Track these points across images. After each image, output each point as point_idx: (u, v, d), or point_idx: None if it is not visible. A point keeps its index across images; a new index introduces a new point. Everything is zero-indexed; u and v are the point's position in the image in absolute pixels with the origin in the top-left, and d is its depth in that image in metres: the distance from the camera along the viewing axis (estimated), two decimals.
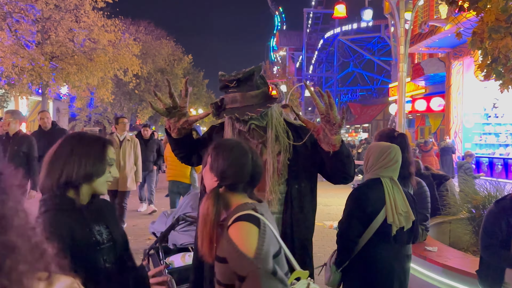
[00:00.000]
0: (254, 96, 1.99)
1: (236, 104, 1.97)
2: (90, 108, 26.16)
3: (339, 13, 18.44)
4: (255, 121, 1.97)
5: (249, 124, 1.98)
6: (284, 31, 56.11)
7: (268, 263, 1.36)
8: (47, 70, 14.06)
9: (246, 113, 1.94)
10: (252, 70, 2.01)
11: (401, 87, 8.31)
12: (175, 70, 28.10)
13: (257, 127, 2.00)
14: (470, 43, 3.80)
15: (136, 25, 24.76)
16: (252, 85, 2.01)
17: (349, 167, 1.99)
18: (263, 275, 1.33)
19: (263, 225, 1.42)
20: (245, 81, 2.00)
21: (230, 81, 2.00)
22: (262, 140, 2.03)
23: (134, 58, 16.98)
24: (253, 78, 2.01)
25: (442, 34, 12.87)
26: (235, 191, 1.52)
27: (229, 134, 2.07)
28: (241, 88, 2.00)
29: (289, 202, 2.03)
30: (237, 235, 1.39)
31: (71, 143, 1.47)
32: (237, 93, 1.99)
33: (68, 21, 14.36)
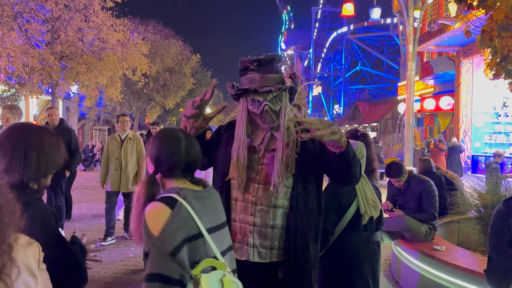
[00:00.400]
0: (272, 79, 2.01)
1: (255, 84, 2.00)
2: (99, 107, 26.35)
3: (347, 11, 18.40)
4: (269, 103, 1.99)
5: (263, 106, 1.99)
6: (292, 30, 56.03)
7: (170, 244, 1.39)
8: (57, 70, 14.20)
9: (265, 86, 1.97)
10: (273, 55, 2.06)
11: (409, 86, 8.27)
12: (183, 69, 28.17)
13: (270, 111, 2.00)
14: (479, 42, 3.78)
15: (144, 25, 24.87)
16: (271, 69, 2.05)
17: (355, 168, 1.99)
18: (159, 254, 1.38)
19: (178, 207, 1.45)
20: (265, 64, 2.04)
21: (251, 62, 2.04)
22: (272, 126, 2.04)
23: (142, 58, 17.07)
24: (273, 63, 2.06)
25: (452, 32, 12.76)
26: (171, 177, 1.59)
27: (242, 117, 2.07)
28: (260, 70, 2.03)
29: (295, 197, 2.04)
30: (148, 214, 1.45)
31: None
32: (256, 74, 2.02)
33: (77, 20, 14.47)
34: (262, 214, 2.02)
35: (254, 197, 2.03)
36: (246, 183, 2.04)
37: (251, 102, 2.03)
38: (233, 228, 2.05)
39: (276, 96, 2.01)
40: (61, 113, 23.18)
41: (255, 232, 2.01)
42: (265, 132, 2.07)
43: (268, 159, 2.06)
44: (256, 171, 2.06)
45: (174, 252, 1.39)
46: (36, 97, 15.92)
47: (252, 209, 2.02)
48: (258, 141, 2.08)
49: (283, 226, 2.04)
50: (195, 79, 30.82)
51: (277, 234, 2.03)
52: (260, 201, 2.02)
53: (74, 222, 7.14)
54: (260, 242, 2.01)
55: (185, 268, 1.40)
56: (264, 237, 2.01)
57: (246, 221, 2.03)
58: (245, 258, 2.02)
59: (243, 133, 2.06)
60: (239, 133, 2.07)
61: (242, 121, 2.07)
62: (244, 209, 2.04)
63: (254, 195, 2.03)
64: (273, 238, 2.02)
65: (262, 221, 2.01)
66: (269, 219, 2.02)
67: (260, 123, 2.05)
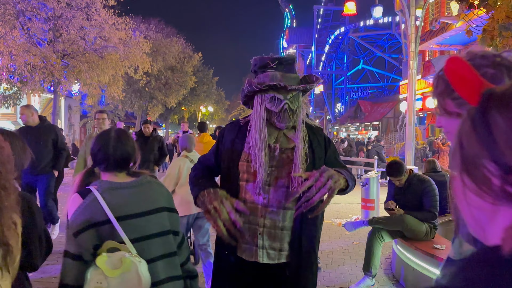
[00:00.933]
0: (293, 78, 2.01)
1: (277, 81, 1.97)
2: (101, 105, 26.40)
3: (349, 10, 18.37)
4: (289, 102, 1.98)
5: (283, 104, 1.97)
6: (294, 28, 55.94)
7: (74, 228, 1.67)
8: (58, 68, 14.23)
9: (291, 85, 1.96)
10: (293, 56, 2.08)
11: (411, 84, 8.26)
12: (185, 67, 28.20)
13: (288, 109, 1.99)
14: (480, 41, 3.78)
15: (146, 23, 24.90)
16: (291, 69, 2.05)
17: (350, 190, 2.06)
18: (68, 235, 1.70)
19: (88, 198, 1.73)
20: (286, 63, 2.04)
21: (272, 60, 2.03)
22: (288, 125, 2.03)
23: (144, 56, 17.10)
24: (293, 64, 2.07)
25: (453, 31, 12.75)
26: (105, 170, 1.85)
27: (261, 115, 2.02)
28: (281, 68, 2.02)
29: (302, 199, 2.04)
30: (68, 201, 1.79)
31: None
32: (277, 72, 2.00)
33: (79, 19, 14.50)
34: (272, 216, 2.01)
35: (265, 198, 2.02)
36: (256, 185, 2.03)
37: (270, 99, 2.00)
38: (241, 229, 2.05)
39: (294, 96, 2.01)
40: (63, 112, 23.30)
41: (264, 234, 2.01)
42: (279, 132, 2.06)
43: (278, 161, 2.04)
44: (266, 173, 2.03)
45: (76, 234, 1.66)
46: (38, 96, 15.97)
47: (263, 211, 2.02)
48: (272, 140, 2.05)
49: (290, 227, 2.04)
50: (197, 78, 30.85)
51: (286, 235, 2.03)
52: (271, 203, 2.01)
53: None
54: (269, 244, 2.01)
55: (84, 247, 1.66)
56: (273, 239, 2.02)
57: (256, 222, 2.02)
58: (254, 259, 2.02)
59: (265, 131, 2.01)
60: (260, 130, 2.01)
61: (262, 119, 2.01)
62: (253, 211, 2.02)
63: (264, 197, 2.02)
64: (283, 240, 2.03)
65: (272, 223, 2.01)
66: (278, 220, 2.02)
67: (276, 121, 2.02)
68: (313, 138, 2.11)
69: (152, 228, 1.81)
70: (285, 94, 1.98)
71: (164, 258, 1.79)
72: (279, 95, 1.98)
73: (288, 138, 2.06)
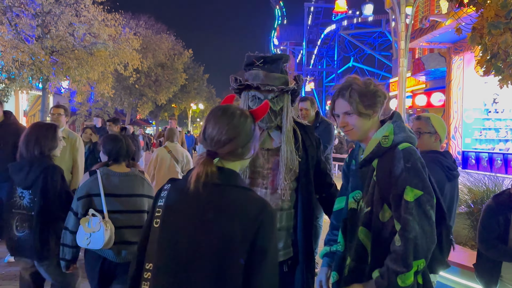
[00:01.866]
0: (277, 78, 2.00)
1: (258, 81, 1.98)
2: (90, 102, 26.14)
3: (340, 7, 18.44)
4: (270, 102, 1.96)
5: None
6: (285, 26, 55.93)
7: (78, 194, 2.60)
8: (47, 65, 14.04)
9: (268, 84, 1.95)
10: (281, 55, 2.06)
11: (401, 82, 8.32)
12: (175, 64, 28.05)
13: (270, 111, 1.97)
14: (469, 39, 3.81)
15: (136, 20, 24.70)
16: (277, 68, 2.03)
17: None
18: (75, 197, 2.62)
19: (93, 176, 2.62)
20: (271, 62, 2.02)
21: (257, 59, 2.02)
22: (269, 125, 2.02)
23: (134, 53, 16.96)
24: (279, 62, 2.04)
25: (443, 29, 12.83)
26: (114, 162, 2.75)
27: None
28: (265, 67, 2.01)
29: (300, 199, 2.06)
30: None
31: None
32: (261, 71, 2.00)
33: (68, 15, 14.31)
34: None
35: None
36: (254, 189, 2.01)
37: (251, 98, 2.01)
38: None
39: (278, 97, 1.99)
40: None
41: None
42: (262, 131, 2.05)
43: (273, 164, 2.04)
44: (262, 176, 2.04)
45: (79, 198, 2.58)
46: (27, 93, 15.76)
47: None
48: None
49: (287, 227, 2.05)
50: (187, 75, 30.70)
51: (282, 235, 2.04)
52: None
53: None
54: None
55: (80, 208, 2.56)
56: None
57: None
58: None
59: None
60: None
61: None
62: None
63: None
64: (280, 240, 2.03)
65: None
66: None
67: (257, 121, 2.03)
68: (305, 137, 2.11)
69: (129, 206, 2.63)
70: (266, 94, 1.96)
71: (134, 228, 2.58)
72: (260, 95, 1.98)
73: (270, 138, 2.06)
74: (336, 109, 1.78)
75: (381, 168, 1.68)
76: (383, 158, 1.69)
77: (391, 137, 1.69)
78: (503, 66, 3.67)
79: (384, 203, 1.66)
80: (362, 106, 1.70)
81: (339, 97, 1.76)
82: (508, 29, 3.29)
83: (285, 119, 2.02)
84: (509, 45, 3.37)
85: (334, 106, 1.79)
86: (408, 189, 1.57)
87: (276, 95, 1.98)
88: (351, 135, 1.77)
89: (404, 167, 1.61)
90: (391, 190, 1.62)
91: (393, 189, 1.61)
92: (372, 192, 1.70)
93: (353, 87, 1.71)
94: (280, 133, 2.04)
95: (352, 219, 1.80)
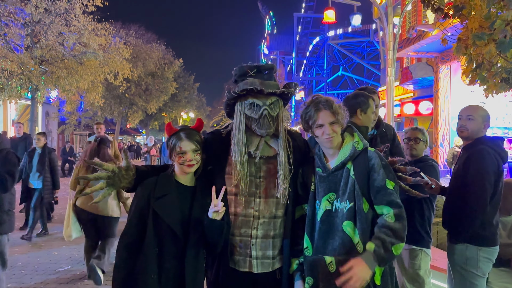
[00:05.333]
0: (272, 86, 2.02)
1: (253, 86, 1.98)
2: (80, 112, 25.98)
3: (329, 18, 18.64)
4: (268, 108, 1.99)
5: (263, 110, 1.98)
6: (275, 35, 56.30)
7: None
8: (36, 74, 13.95)
9: (268, 90, 1.98)
10: (272, 65, 2.11)
11: (389, 91, 8.44)
12: (166, 73, 28.02)
13: (268, 116, 1.99)
14: (455, 49, 3.90)
15: (126, 29, 24.67)
16: (270, 77, 2.07)
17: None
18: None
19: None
20: (265, 71, 2.06)
21: (251, 68, 2.04)
22: (268, 132, 2.02)
23: (124, 62, 16.94)
24: (272, 71, 2.08)
25: (430, 39, 13.05)
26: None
27: (240, 122, 2.03)
28: (259, 76, 2.04)
29: (290, 206, 2.07)
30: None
31: None
32: (255, 79, 2.01)
33: (58, 25, 14.27)
34: (264, 226, 2.02)
35: (257, 211, 2.02)
36: (247, 198, 2.02)
37: (249, 106, 2.01)
38: (232, 242, 2.03)
39: (274, 103, 2.02)
40: (40, 118, 22.83)
41: (257, 244, 2.02)
42: (260, 139, 2.06)
43: (265, 172, 2.05)
44: (255, 185, 2.04)
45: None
46: (15, 102, 15.61)
47: (255, 223, 2.02)
48: (253, 147, 2.05)
49: (281, 234, 2.06)
50: (177, 84, 30.68)
51: (277, 242, 2.05)
52: (263, 214, 2.02)
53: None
54: (263, 253, 2.02)
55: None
56: (266, 248, 2.03)
57: (248, 234, 2.03)
58: (249, 269, 2.02)
59: (244, 139, 2.01)
60: (238, 138, 2.02)
61: (241, 126, 2.03)
62: (245, 224, 2.03)
63: (256, 209, 2.02)
64: (275, 248, 2.05)
65: (264, 233, 2.03)
66: (270, 230, 2.03)
67: (256, 128, 2.01)
68: (293, 143, 2.13)
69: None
70: (264, 100, 1.99)
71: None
72: (258, 101, 1.99)
73: (269, 146, 2.07)
74: (320, 120, 1.97)
75: (358, 167, 1.96)
76: (358, 159, 1.98)
77: (360, 143, 2.02)
78: (488, 76, 3.75)
79: (364, 197, 1.93)
80: (341, 117, 1.99)
81: (325, 109, 1.98)
82: (492, 40, 3.38)
83: (281, 126, 2.05)
84: (493, 56, 3.45)
85: (317, 117, 1.98)
86: (387, 181, 1.94)
87: (273, 101, 2.02)
88: (333, 141, 1.99)
89: (381, 164, 1.97)
90: (371, 184, 1.94)
91: (375, 182, 1.94)
92: (353, 189, 1.94)
93: (334, 102, 2.00)
94: (276, 139, 2.06)
95: (327, 219, 1.98)
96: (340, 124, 1.99)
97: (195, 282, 1.99)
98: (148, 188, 2.01)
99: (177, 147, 2.00)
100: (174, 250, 1.96)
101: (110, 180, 2.01)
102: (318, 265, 1.96)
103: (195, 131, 2.07)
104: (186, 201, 2.02)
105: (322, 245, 1.97)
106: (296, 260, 2.06)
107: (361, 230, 1.91)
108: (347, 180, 1.96)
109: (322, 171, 2.03)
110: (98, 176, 2.00)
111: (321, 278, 1.94)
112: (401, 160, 2.21)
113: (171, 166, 2.11)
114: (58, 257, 5.61)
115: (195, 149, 2.01)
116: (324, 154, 2.07)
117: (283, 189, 1.99)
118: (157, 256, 1.94)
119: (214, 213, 1.89)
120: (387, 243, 1.82)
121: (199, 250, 2.02)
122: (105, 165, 2.01)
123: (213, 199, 1.91)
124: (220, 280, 2.05)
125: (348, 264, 1.80)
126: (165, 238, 1.96)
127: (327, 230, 1.97)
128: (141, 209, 1.98)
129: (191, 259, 1.97)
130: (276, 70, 2.15)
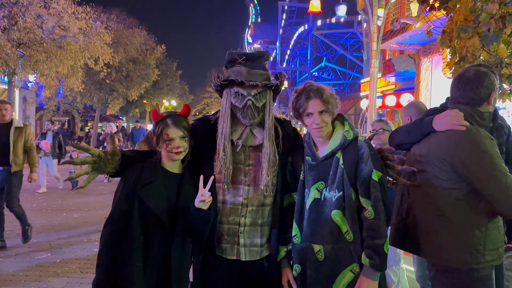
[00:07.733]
0: (259, 75, 2.01)
1: (241, 77, 1.97)
2: (58, 97, 25.40)
3: (314, 7, 18.60)
4: (253, 99, 1.97)
5: (247, 100, 1.97)
6: (259, 24, 55.96)
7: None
8: (14, 57, 13.58)
9: (251, 80, 1.96)
10: (263, 52, 2.07)
11: (372, 82, 8.51)
12: (148, 60, 27.57)
13: (252, 106, 1.98)
14: (439, 42, 3.94)
15: (107, 13, 24.13)
16: (259, 65, 2.04)
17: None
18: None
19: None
20: (254, 59, 2.03)
21: (240, 55, 2.03)
22: (252, 122, 2.02)
23: (105, 47, 16.62)
24: (261, 60, 2.06)
25: (413, 32, 13.17)
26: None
27: (226, 110, 2.03)
28: (248, 64, 2.02)
29: (279, 194, 2.08)
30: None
31: None
32: (243, 68, 2.00)
33: (36, 6, 13.87)
34: (252, 214, 2.02)
35: (245, 199, 2.02)
36: (235, 186, 2.02)
37: (234, 95, 2.00)
38: (220, 230, 2.03)
39: (261, 93, 2.00)
40: (17, 103, 22.25)
41: (245, 232, 2.02)
42: (244, 128, 2.05)
43: (254, 160, 2.05)
44: (244, 173, 2.04)
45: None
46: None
47: (243, 211, 2.02)
48: (236, 135, 2.04)
49: (269, 222, 2.07)
50: (159, 70, 30.26)
51: (265, 230, 2.06)
52: (251, 202, 2.03)
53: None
54: (250, 241, 2.03)
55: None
56: (254, 236, 2.03)
57: (236, 222, 2.02)
58: (236, 257, 2.02)
59: (228, 127, 2.01)
60: (222, 126, 2.02)
61: (226, 113, 2.03)
62: (234, 211, 2.02)
63: (245, 197, 2.02)
64: (263, 236, 2.05)
65: (252, 221, 2.03)
66: (258, 218, 2.04)
67: (240, 117, 2.02)
68: (282, 130, 2.13)
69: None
70: (249, 90, 1.98)
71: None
72: (243, 91, 1.98)
73: (253, 135, 2.06)
74: (310, 109, 1.96)
75: (347, 157, 1.96)
76: (348, 149, 1.98)
77: (350, 132, 2.02)
78: None
79: (351, 187, 1.94)
80: (332, 106, 1.98)
81: (315, 97, 1.95)
82: (476, 33, 3.42)
83: (268, 116, 2.03)
84: (476, 49, 3.50)
85: (307, 106, 1.96)
86: (374, 171, 1.92)
87: (259, 91, 2.00)
88: (323, 131, 1.99)
89: (369, 154, 1.95)
90: (358, 174, 1.94)
91: (362, 172, 1.93)
92: (341, 179, 1.95)
93: (325, 90, 1.98)
94: (262, 129, 2.05)
95: (316, 208, 1.99)
96: (331, 113, 1.99)
97: (181, 270, 1.98)
98: (135, 173, 1.97)
99: (164, 134, 1.96)
100: (160, 238, 1.94)
101: (96, 165, 1.97)
102: (306, 253, 1.99)
103: (182, 117, 2.04)
104: (173, 189, 1.99)
105: (310, 233, 1.99)
106: (285, 247, 2.08)
107: (350, 219, 1.93)
108: (336, 169, 1.97)
109: (311, 160, 2.04)
110: (84, 161, 1.95)
111: (309, 266, 1.97)
112: (389, 149, 2.21)
113: (158, 153, 2.07)
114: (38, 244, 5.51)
115: (183, 135, 1.97)
116: (314, 143, 2.07)
117: (266, 180, 2.00)
118: (142, 244, 1.91)
119: (201, 202, 1.87)
120: (378, 247, 1.86)
121: (185, 238, 2.00)
122: (91, 149, 1.96)
123: (200, 188, 1.89)
124: (206, 268, 2.05)
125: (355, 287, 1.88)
126: (151, 226, 1.93)
127: (315, 218, 1.99)
128: (127, 194, 1.94)
129: (177, 247, 1.95)
130: (269, 58, 2.11)
